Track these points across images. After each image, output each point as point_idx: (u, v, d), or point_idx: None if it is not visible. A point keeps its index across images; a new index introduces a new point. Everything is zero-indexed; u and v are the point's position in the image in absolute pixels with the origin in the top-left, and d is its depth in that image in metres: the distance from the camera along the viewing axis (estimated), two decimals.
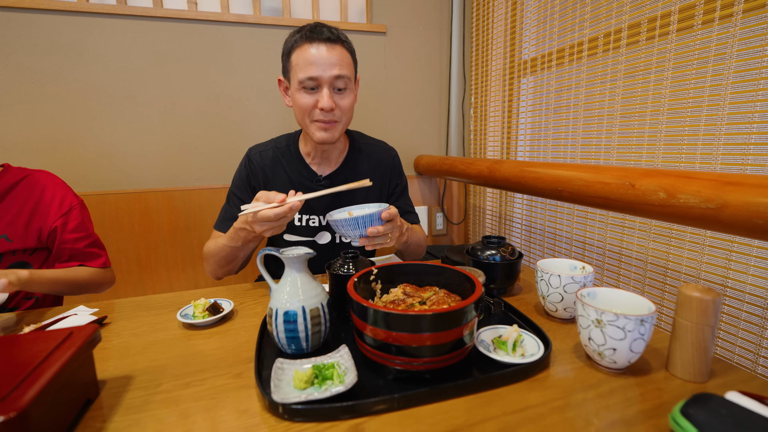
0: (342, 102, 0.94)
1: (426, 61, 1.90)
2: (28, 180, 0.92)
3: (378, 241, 0.80)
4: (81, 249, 0.96)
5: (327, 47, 0.90)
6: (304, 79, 0.90)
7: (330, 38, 0.90)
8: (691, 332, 0.52)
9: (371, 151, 1.13)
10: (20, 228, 0.90)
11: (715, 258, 0.90)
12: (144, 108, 1.52)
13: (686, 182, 0.70)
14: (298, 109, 0.95)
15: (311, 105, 0.92)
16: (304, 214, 1.05)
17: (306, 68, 0.89)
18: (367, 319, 0.53)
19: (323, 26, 0.92)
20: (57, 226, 0.92)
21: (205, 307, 0.74)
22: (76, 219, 0.96)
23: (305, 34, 0.90)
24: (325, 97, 0.91)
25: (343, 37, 0.94)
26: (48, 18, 1.38)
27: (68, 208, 0.95)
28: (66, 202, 0.95)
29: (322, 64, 0.89)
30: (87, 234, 0.98)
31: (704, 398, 0.41)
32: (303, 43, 0.90)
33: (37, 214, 0.92)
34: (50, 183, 0.95)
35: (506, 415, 0.48)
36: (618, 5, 1.09)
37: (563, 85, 1.31)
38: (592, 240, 1.23)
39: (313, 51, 0.89)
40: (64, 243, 0.94)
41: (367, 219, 0.75)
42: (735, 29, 0.84)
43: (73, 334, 0.51)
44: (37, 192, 0.92)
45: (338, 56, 0.91)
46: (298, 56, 0.90)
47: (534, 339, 0.62)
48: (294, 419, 0.47)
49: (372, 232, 0.76)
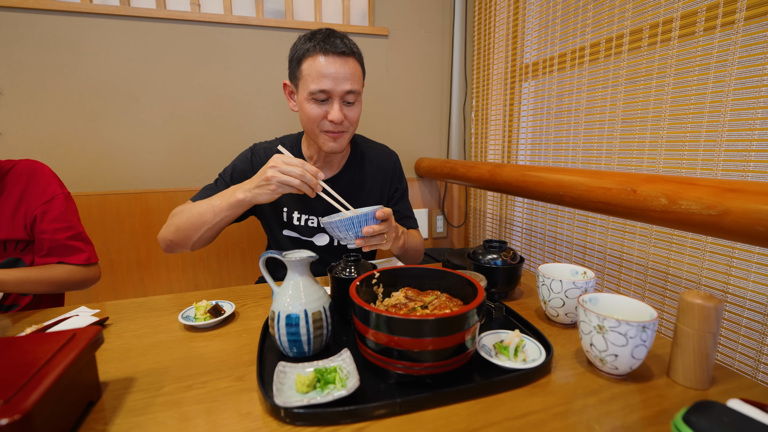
0: (351, 114, 0.95)
1: (427, 64, 1.91)
2: (14, 170, 0.91)
3: (374, 242, 0.80)
4: (61, 241, 0.92)
5: (341, 61, 0.89)
6: (315, 91, 0.90)
7: (344, 52, 0.90)
8: (693, 339, 0.53)
9: (373, 155, 1.14)
10: (7, 217, 0.88)
11: (716, 264, 0.90)
12: (146, 108, 1.52)
13: (688, 188, 0.70)
14: (306, 119, 0.95)
15: (321, 116, 0.93)
16: (303, 213, 1.06)
17: (318, 81, 0.89)
18: (369, 323, 0.53)
19: (336, 36, 0.91)
20: (37, 214, 0.90)
21: (207, 309, 0.74)
22: (58, 209, 0.92)
23: (319, 44, 0.89)
24: (336, 111, 0.91)
25: (356, 49, 0.94)
26: (51, 18, 1.38)
27: (50, 197, 0.92)
28: (49, 191, 0.92)
29: (335, 78, 0.89)
30: (68, 225, 0.93)
31: (706, 406, 0.41)
32: (316, 53, 0.89)
33: (23, 202, 0.89)
34: (36, 171, 0.93)
35: (508, 421, 0.48)
36: (620, 11, 1.09)
37: (564, 89, 1.31)
38: (593, 245, 1.23)
39: (326, 64, 0.88)
40: (42, 233, 0.90)
41: (362, 218, 0.76)
42: (737, 36, 0.84)
43: (76, 336, 0.51)
44: (24, 180, 0.90)
45: (351, 70, 0.91)
46: (310, 66, 0.89)
47: (535, 344, 0.62)
48: (296, 423, 0.47)
49: (368, 231, 0.76)
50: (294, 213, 1.07)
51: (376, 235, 0.79)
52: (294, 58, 0.94)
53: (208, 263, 1.63)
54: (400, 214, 1.16)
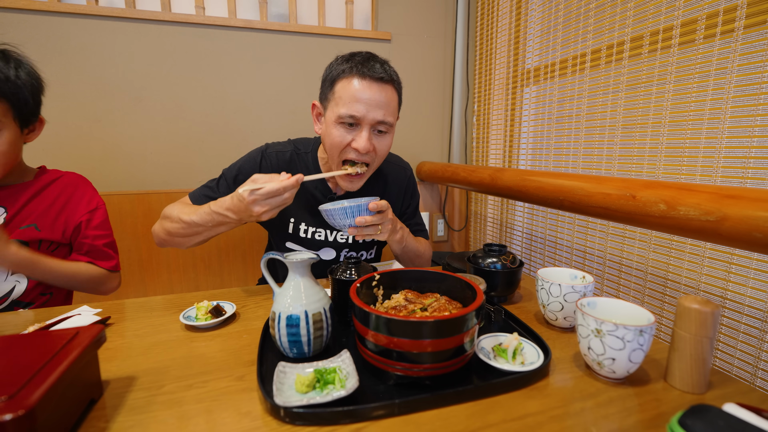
0: (380, 145, 0.89)
1: (430, 69, 1.92)
2: (62, 179, 1.01)
3: (367, 232, 0.81)
4: (98, 246, 1.01)
5: (377, 87, 0.84)
6: (345, 115, 0.84)
7: (382, 78, 0.84)
8: (690, 343, 0.53)
9: (387, 169, 1.10)
10: (50, 219, 0.95)
11: (714, 270, 0.91)
12: (149, 110, 1.53)
13: (687, 194, 0.71)
14: (330, 144, 0.89)
15: (346, 143, 0.87)
16: (310, 226, 1.03)
17: (350, 104, 0.83)
18: (369, 325, 0.53)
19: (376, 60, 0.86)
20: (83, 221, 0.99)
21: (208, 310, 0.75)
22: (101, 217, 1.03)
23: (356, 66, 0.84)
24: (364, 139, 0.85)
25: (395, 77, 0.88)
26: (57, 20, 1.39)
27: (95, 207, 1.02)
28: (94, 201, 1.03)
29: (368, 104, 0.83)
30: (107, 233, 1.04)
31: (702, 409, 0.42)
32: (352, 76, 0.84)
33: (67, 209, 0.98)
34: (81, 183, 1.04)
35: (505, 423, 0.48)
36: (621, 18, 1.10)
37: (565, 95, 1.32)
38: (592, 250, 1.24)
39: (360, 88, 0.83)
40: (85, 237, 0.99)
41: (356, 209, 0.79)
42: (736, 44, 0.85)
43: (79, 334, 0.52)
44: (69, 190, 1.00)
45: (387, 98, 0.85)
46: (344, 89, 0.84)
47: (534, 347, 0.62)
48: (295, 423, 0.48)
49: (360, 221, 0.77)
50: (301, 225, 1.03)
51: (369, 226, 0.79)
52: (328, 78, 0.89)
53: (209, 264, 1.64)
54: (411, 228, 1.12)
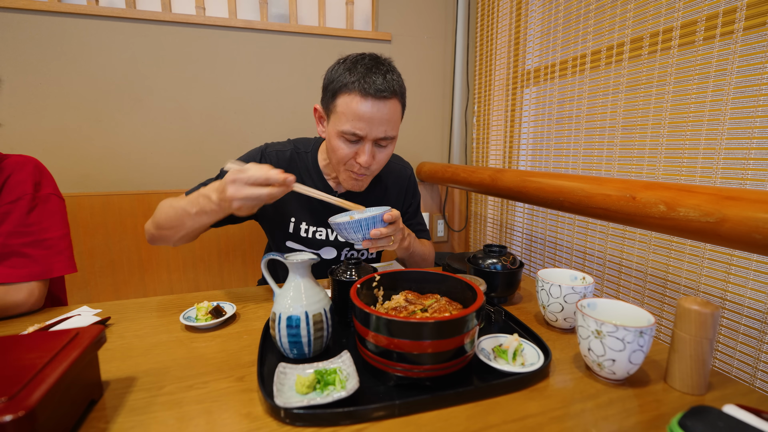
0: (380, 155, 0.91)
1: (430, 69, 1.92)
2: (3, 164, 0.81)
3: (381, 243, 0.79)
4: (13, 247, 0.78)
5: (381, 104, 0.84)
6: (348, 132, 0.85)
7: (385, 95, 0.83)
8: (690, 345, 0.53)
9: (388, 169, 1.10)
10: None
11: (714, 271, 0.91)
12: (150, 110, 1.53)
13: (686, 196, 0.71)
14: (332, 154, 0.91)
15: (349, 156, 0.89)
16: (311, 225, 1.03)
17: (353, 122, 0.84)
18: (369, 326, 0.53)
19: (379, 72, 0.84)
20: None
21: (208, 310, 0.75)
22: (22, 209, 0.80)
23: (359, 82, 0.82)
24: (366, 154, 0.87)
25: (398, 87, 0.86)
26: (57, 20, 1.40)
27: (17, 197, 0.79)
28: (18, 189, 0.80)
29: (370, 122, 0.84)
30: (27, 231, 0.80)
31: (702, 411, 0.42)
32: (355, 92, 0.83)
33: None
34: (18, 167, 0.81)
35: (506, 424, 0.48)
36: (621, 20, 1.10)
37: (565, 96, 1.32)
38: (592, 251, 1.24)
39: (362, 107, 0.83)
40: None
41: (370, 221, 0.76)
42: (736, 46, 0.85)
43: (79, 335, 0.52)
44: (3, 177, 0.80)
45: (389, 114, 0.85)
46: (347, 105, 0.84)
47: (534, 348, 0.62)
48: (295, 423, 0.48)
49: (375, 234, 0.76)
50: (302, 224, 1.03)
51: (383, 238, 0.78)
52: (329, 87, 0.87)
53: (209, 265, 1.64)
54: (412, 227, 1.13)
